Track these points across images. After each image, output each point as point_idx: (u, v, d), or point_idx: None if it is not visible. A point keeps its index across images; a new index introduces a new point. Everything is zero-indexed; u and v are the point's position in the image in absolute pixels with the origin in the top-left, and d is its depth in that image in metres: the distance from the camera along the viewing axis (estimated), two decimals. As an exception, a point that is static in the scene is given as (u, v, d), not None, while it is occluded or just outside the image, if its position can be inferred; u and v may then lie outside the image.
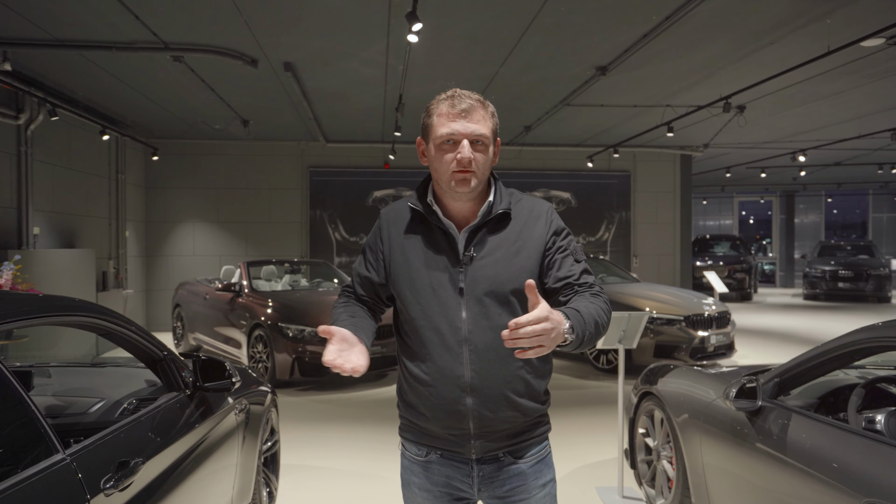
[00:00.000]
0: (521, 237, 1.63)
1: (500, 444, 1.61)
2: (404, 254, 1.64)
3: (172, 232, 11.66)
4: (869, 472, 2.00)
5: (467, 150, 1.56)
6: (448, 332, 1.56)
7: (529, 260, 1.62)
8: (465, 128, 1.56)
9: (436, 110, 1.60)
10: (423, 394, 1.60)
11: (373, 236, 1.74)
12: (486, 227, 1.63)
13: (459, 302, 1.58)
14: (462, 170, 1.57)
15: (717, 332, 7.37)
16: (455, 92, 1.61)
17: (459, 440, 1.60)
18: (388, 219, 1.72)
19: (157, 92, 8.18)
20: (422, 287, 1.60)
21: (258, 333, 6.95)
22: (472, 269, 1.59)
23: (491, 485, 1.63)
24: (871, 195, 22.29)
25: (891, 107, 8.99)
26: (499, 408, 1.57)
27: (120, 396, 2.61)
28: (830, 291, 16.84)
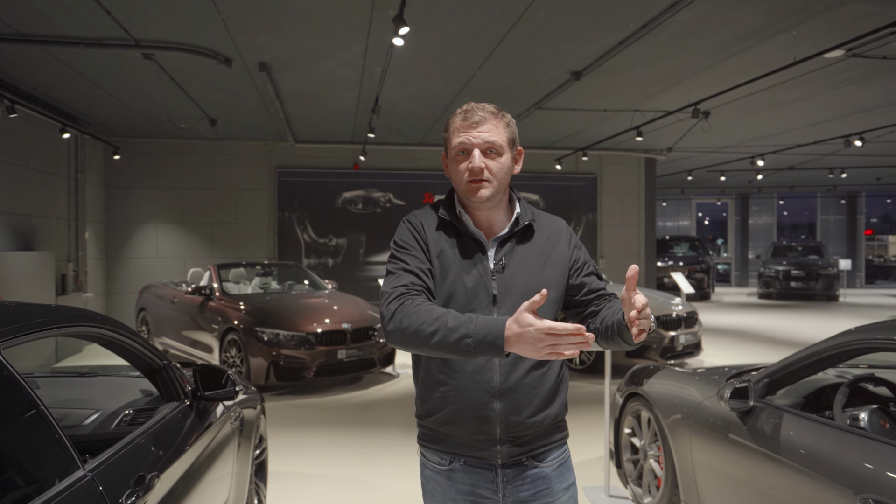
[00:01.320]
0: (546, 249, 1.70)
1: (524, 448, 1.64)
2: (438, 259, 1.64)
3: (134, 233, 11.32)
4: (863, 469, 2.10)
5: (478, 158, 1.60)
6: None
7: (555, 272, 1.69)
8: (476, 137, 1.61)
9: (452, 125, 1.67)
10: (450, 399, 1.62)
11: (410, 237, 1.65)
12: (515, 237, 1.68)
13: (492, 309, 1.61)
14: (474, 179, 1.61)
15: (685, 332, 7.57)
16: (469, 105, 1.66)
17: (485, 445, 1.62)
18: (419, 222, 1.69)
19: (122, 89, 7.94)
20: (456, 293, 1.61)
21: (231, 338, 6.82)
22: (503, 276, 1.63)
23: (515, 489, 1.65)
24: (819, 198, 23.24)
25: (844, 114, 9.40)
26: (525, 412, 1.61)
27: (115, 407, 2.53)
28: (783, 290, 17.49)
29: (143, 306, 8.97)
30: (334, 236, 12.17)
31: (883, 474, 2.03)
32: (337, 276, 11.15)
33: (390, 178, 12.29)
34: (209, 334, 7.22)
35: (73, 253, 9.69)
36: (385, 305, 1.52)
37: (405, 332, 1.45)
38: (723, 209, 24.95)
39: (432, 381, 1.64)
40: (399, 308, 1.48)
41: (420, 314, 1.44)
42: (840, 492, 2.13)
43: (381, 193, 12.31)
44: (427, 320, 1.42)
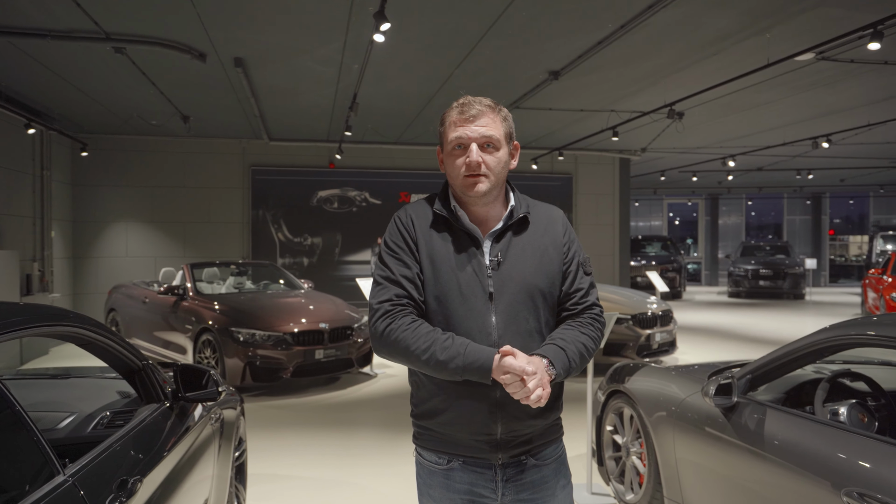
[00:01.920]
0: (543, 241, 1.66)
1: (524, 447, 1.63)
2: (430, 258, 1.61)
3: (103, 232, 11.04)
4: (848, 463, 2.13)
5: (475, 153, 1.58)
6: (479, 337, 1.55)
7: (553, 263, 1.65)
8: (473, 131, 1.58)
9: (448, 119, 1.63)
10: (450, 401, 1.58)
11: (398, 237, 1.64)
12: (510, 231, 1.65)
13: (489, 307, 1.58)
14: (472, 174, 1.58)
15: (661, 330, 7.66)
16: (466, 99, 1.63)
17: (486, 446, 1.59)
18: (409, 219, 1.66)
19: (90, 84, 7.73)
20: (450, 292, 1.58)
21: (206, 338, 6.69)
22: (499, 273, 1.60)
23: (514, 488, 1.64)
24: (785, 199, 23.80)
25: (813, 117, 9.63)
26: (526, 413, 1.59)
27: (92, 410, 2.44)
28: (752, 289, 17.86)
29: (113, 307, 8.76)
30: (309, 235, 12.04)
31: (867, 468, 2.07)
32: (313, 276, 11.03)
33: (366, 176, 12.21)
34: (182, 335, 7.07)
35: (38, 252, 9.40)
36: (373, 323, 1.57)
37: (394, 352, 1.55)
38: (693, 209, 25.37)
39: (431, 383, 1.61)
40: (387, 328, 1.54)
41: (407, 338, 1.51)
42: (826, 486, 2.16)
43: (357, 192, 12.22)
44: (418, 346, 1.50)
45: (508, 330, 1.57)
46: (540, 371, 1.46)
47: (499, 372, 1.46)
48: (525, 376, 1.43)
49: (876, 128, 10.09)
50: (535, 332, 1.61)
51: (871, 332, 2.40)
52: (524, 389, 1.43)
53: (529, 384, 1.43)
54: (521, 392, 1.44)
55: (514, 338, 1.57)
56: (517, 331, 1.58)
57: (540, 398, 1.43)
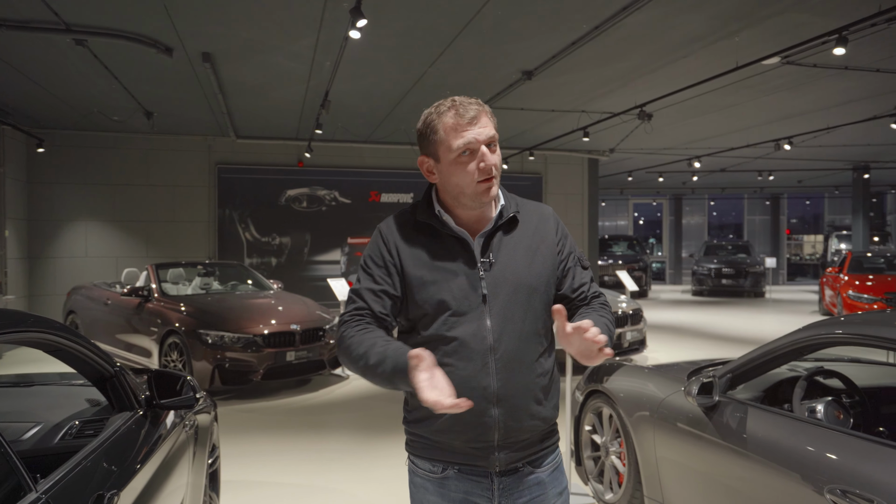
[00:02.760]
0: (534, 239, 1.63)
1: (521, 454, 1.59)
2: (418, 267, 1.56)
3: (61, 232, 10.65)
4: (832, 462, 2.17)
5: (489, 155, 1.53)
6: (474, 342, 1.51)
7: (546, 262, 1.62)
8: (480, 134, 1.52)
9: (441, 124, 1.54)
10: None
11: (376, 250, 1.61)
12: (500, 231, 1.61)
13: (483, 310, 1.54)
14: (486, 178, 1.53)
15: (631, 329, 7.75)
16: (455, 101, 1.55)
17: (483, 453, 1.55)
18: (390, 232, 1.62)
19: (48, 77, 7.43)
20: (444, 299, 1.53)
21: (172, 341, 6.50)
22: (492, 274, 1.56)
23: (511, 496, 1.59)
24: (746, 199, 24.43)
25: (776, 119, 9.88)
26: (523, 417, 1.55)
27: (59, 419, 2.32)
28: (715, 287, 18.28)
29: (73, 309, 8.45)
30: (278, 235, 11.83)
31: (849, 466, 2.10)
32: (281, 276, 10.83)
33: (336, 175, 12.06)
34: (147, 338, 6.86)
35: (-9, 252, 9.02)
36: (337, 330, 1.60)
37: (344, 360, 1.55)
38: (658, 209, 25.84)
39: None
40: (340, 336, 1.55)
41: (351, 345, 1.51)
42: (810, 484, 2.19)
43: (327, 191, 12.06)
44: (357, 352, 1.49)
45: (504, 332, 1.53)
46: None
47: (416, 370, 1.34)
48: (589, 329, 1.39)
49: (834, 131, 10.41)
50: (533, 332, 1.57)
51: (842, 331, 2.45)
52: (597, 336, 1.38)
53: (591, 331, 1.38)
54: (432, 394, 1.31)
55: (510, 341, 1.53)
56: (513, 333, 1.54)
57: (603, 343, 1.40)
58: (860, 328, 2.48)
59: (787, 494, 2.30)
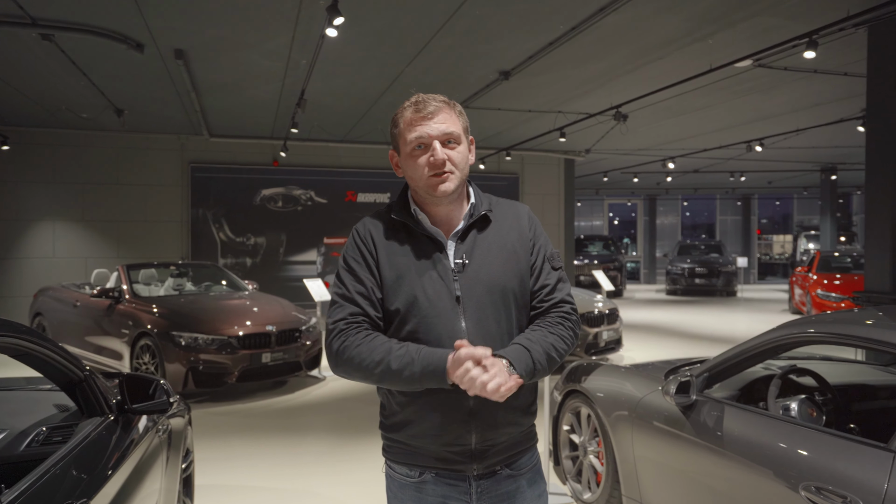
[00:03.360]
0: (509, 238, 1.62)
1: (499, 457, 1.57)
2: (393, 267, 1.55)
3: (27, 231, 10.37)
4: (807, 459, 2.19)
5: (440, 150, 1.52)
6: (448, 343, 1.49)
7: (521, 261, 1.61)
8: (434, 129, 1.52)
9: (402, 119, 1.56)
10: (422, 413, 1.52)
11: (355, 251, 1.58)
12: (473, 229, 1.60)
13: (458, 311, 1.52)
14: (437, 172, 1.53)
15: (608, 328, 7.81)
16: (419, 97, 1.57)
17: (460, 457, 1.54)
18: (367, 231, 1.61)
19: (12, 73, 7.22)
20: (417, 300, 1.52)
21: (144, 343, 6.36)
22: (465, 275, 1.54)
23: (489, 500, 1.58)
24: (718, 199, 24.85)
25: (748, 121, 10.06)
26: (500, 420, 1.54)
27: (25, 426, 2.25)
28: (688, 287, 18.55)
29: (40, 311, 8.24)
30: (253, 235, 11.68)
31: (825, 462, 2.13)
32: (256, 277, 10.69)
33: (312, 175, 11.95)
34: (118, 340, 6.71)
35: (-46, 253, 8.74)
36: (328, 343, 1.52)
37: (350, 370, 1.49)
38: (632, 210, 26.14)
39: (400, 394, 1.54)
40: (341, 346, 1.49)
41: (361, 353, 1.46)
42: (785, 481, 2.22)
43: (303, 191, 11.95)
44: (372, 360, 1.45)
45: (479, 333, 1.52)
46: (500, 368, 1.39)
47: (455, 367, 1.38)
48: (483, 360, 1.36)
49: (803, 133, 10.64)
50: (508, 333, 1.56)
51: (817, 330, 2.50)
52: (479, 381, 1.35)
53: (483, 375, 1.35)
54: (476, 384, 1.35)
55: (486, 341, 1.51)
56: (488, 334, 1.53)
57: (500, 385, 1.35)
58: (832, 327, 2.52)
59: (763, 492, 2.33)
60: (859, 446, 2.07)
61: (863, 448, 2.06)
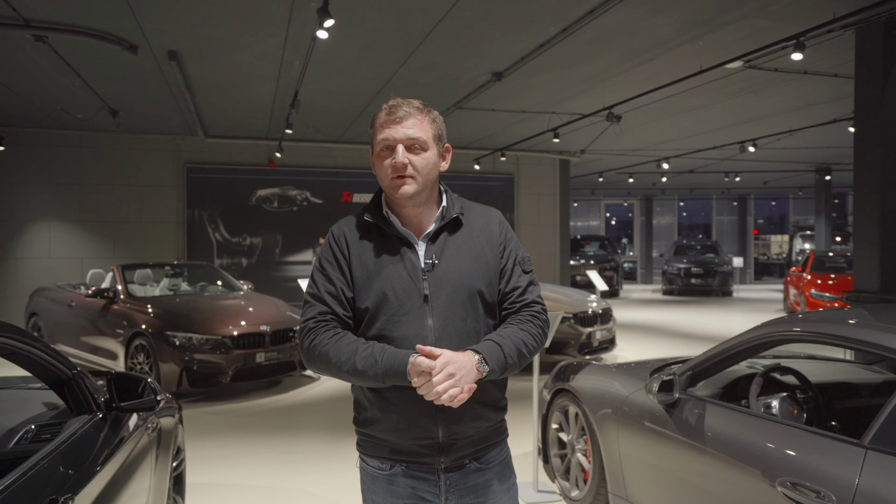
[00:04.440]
0: (479, 241, 1.66)
1: (466, 451, 1.62)
2: (364, 267, 1.61)
3: (22, 232, 10.39)
4: (781, 455, 2.24)
5: (401, 154, 1.57)
6: (415, 341, 1.54)
7: (489, 264, 1.65)
8: (399, 133, 1.58)
9: (377, 120, 1.63)
10: (390, 407, 1.57)
11: (328, 252, 1.65)
12: (444, 232, 1.65)
13: (425, 310, 1.57)
14: (398, 175, 1.58)
15: (601, 328, 7.86)
16: (395, 101, 1.62)
17: (428, 451, 1.59)
18: (341, 232, 1.67)
19: (7, 73, 7.23)
20: (387, 298, 1.57)
21: (139, 343, 6.39)
22: (434, 275, 1.59)
23: (458, 492, 1.63)
24: (714, 200, 24.91)
25: (741, 122, 10.11)
26: (467, 416, 1.58)
27: (14, 423, 2.28)
28: (684, 287, 18.61)
29: (35, 311, 8.25)
30: (248, 235, 11.71)
31: (800, 458, 2.17)
32: (252, 277, 10.72)
33: (307, 175, 11.98)
34: (113, 340, 6.74)
35: (-51, 253, 8.76)
36: (300, 340, 1.61)
37: (320, 367, 1.56)
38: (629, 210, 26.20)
39: (371, 390, 1.59)
40: (311, 344, 1.56)
41: (329, 352, 1.53)
42: (761, 477, 2.26)
43: (298, 191, 11.98)
44: (339, 358, 1.52)
45: (445, 332, 1.56)
46: (464, 370, 1.45)
47: (413, 373, 1.45)
48: (433, 373, 1.42)
49: (796, 133, 10.68)
50: (474, 332, 1.60)
51: (798, 328, 2.54)
52: (434, 391, 1.41)
53: (444, 383, 1.41)
54: (431, 393, 1.42)
55: (452, 339, 1.56)
56: (454, 332, 1.57)
57: (453, 397, 1.42)
58: (811, 326, 2.56)
59: (742, 488, 2.37)
60: (834, 442, 2.11)
61: (837, 444, 2.09)
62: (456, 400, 1.42)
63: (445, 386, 1.41)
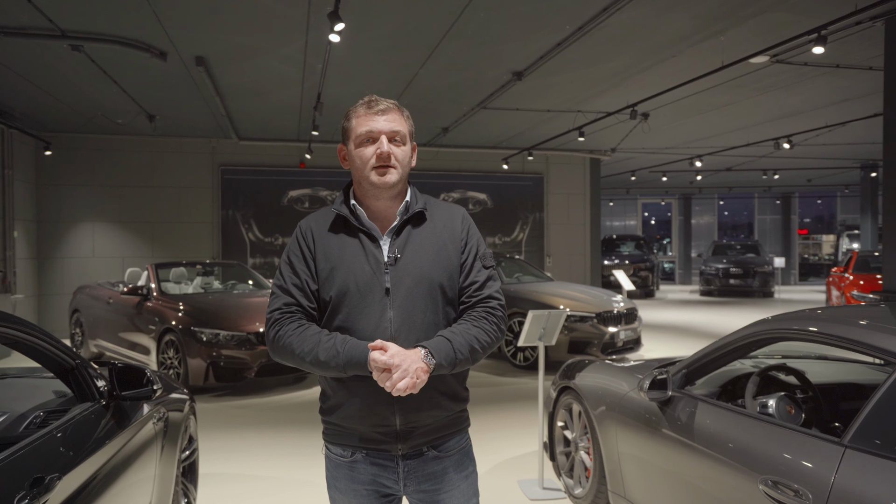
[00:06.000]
0: (441, 236, 1.71)
1: (423, 439, 1.67)
2: (328, 260, 1.67)
3: (69, 232, 10.88)
4: (764, 453, 2.22)
5: (386, 144, 1.65)
6: (375, 332, 1.60)
7: (451, 258, 1.70)
8: (383, 124, 1.66)
9: (354, 114, 1.70)
10: (351, 396, 1.63)
11: (295, 246, 1.72)
12: (408, 226, 1.70)
13: (386, 302, 1.62)
14: (382, 164, 1.65)
15: (625, 328, 7.78)
16: (372, 97, 1.71)
17: (386, 438, 1.64)
18: (308, 226, 1.74)
19: (51, 82, 7.61)
20: (348, 291, 1.63)
21: (169, 338, 6.64)
22: (396, 268, 1.65)
23: (416, 479, 1.68)
24: (756, 198, 24.23)
25: (773, 118, 9.83)
26: (424, 405, 1.63)
27: (24, 409, 2.43)
28: (723, 287, 18.17)
29: (77, 307, 8.64)
30: (280, 235, 11.98)
31: (781, 456, 2.15)
32: (282, 276, 10.94)
33: (337, 176, 12.18)
34: (146, 335, 7.02)
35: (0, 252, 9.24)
36: (266, 331, 1.67)
37: (285, 357, 1.62)
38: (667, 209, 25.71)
39: (333, 379, 1.66)
40: (276, 335, 1.62)
41: (293, 343, 1.59)
42: (744, 474, 2.24)
43: (329, 192, 12.20)
44: (302, 349, 1.58)
45: (405, 325, 1.62)
46: (408, 362, 1.51)
47: (371, 365, 1.52)
48: (392, 368, 1.50)
49: (835, 129, 10.33)
50: (433, 325, 1.65)
51: (789, 326, 2.50)
52: (388, 384, 1.50)
53: (394, 376, 1.50)
54: (388, 384, 1.50)
55: (411, 332, 1.62)
56: (414, 325, 1.62)
57: (403, 389, 1.49)
58: (803, 324, 2.52)
59: (727, 486, 2.35)
60: (815, 441, 2.09)
61: (818, 443, 2.07)
62: (408, 390, 1.49)
63: (400, 378, 1.49)
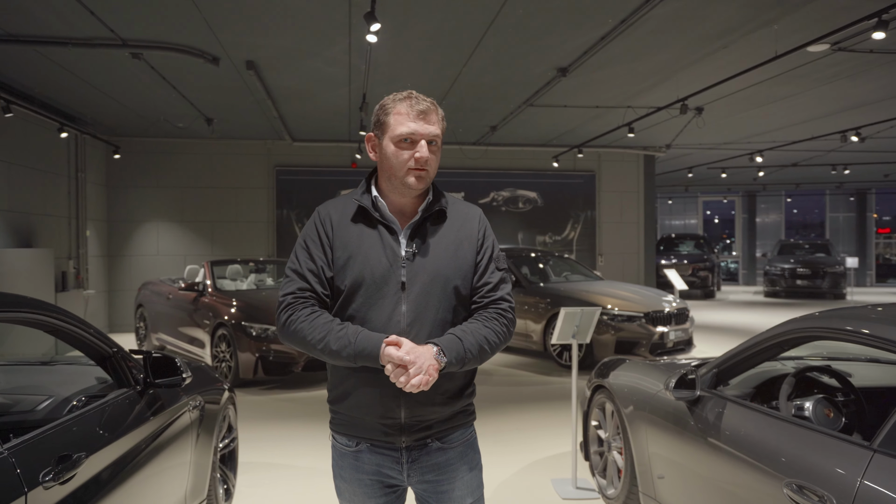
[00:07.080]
0: (459, 235, 1.72)
1: (428, 432, 1.68)
2: (345, 249, 1.67)
3: (136, 231, 11.48)
4: (791, 456, 2.12)
5: (426, 149, 1.64)
6: (387, 325, 1.62)
7: (467, 258, 1.71)
8: (424, 129, 1.64)
9: (393, 109, 1.66)
10: (358, 386, 1.66)
11: (313, 231, 1.70)
12: (427, 222, 1.71)
13: (400, 296, 1.63)
14: (420, 168, 1.65)
15: (676, 329, 7.56)
16: (411, 93, 1.68)
17: (391, 429, 1.66)
18: (327, 213, 1.73)
19: (116, 89, 8.06)
20: (364, 281, 1.64)
21: (221, 333, 6.91)
22: (413, 264, 1.65)
23: (420, 470, 1.70)
24: (827, 195, 23.00)
25: (838, 110, 9.32)
26: (429, 400, 1.64)
27: (68, 394, 2.60)
28: (789, 288, 17.34)
29: (141, 302, 9.10)
30: (332, 234, 12.24)
31: (807, 460, 2.06)
32: (334, 274, 11.19)
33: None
34: (201, 330, 7.32)
35: (73, 250, 9.85)
36: (277, 314, 1.66)
37: (294, 342, 1.63)
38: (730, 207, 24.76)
39: (342, 369, 1.67)
40: (287, 320, 1.62)
41: (304, 329, 1.59)
42: (769, 478, 2.16)
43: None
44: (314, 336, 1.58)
45: (417, 320, 1.63)
46: (422, 359, 1.52)
47: (384, 359, 1.52)
48: (407, 365, 1.51)
49: (910, 120, 9.70)
50: (445, 322, 1.66)
51: (824, 325, 2.38)
52: (405, 376, 1.50)
53: (410, 371, 1.50)
54: (402, 379, 1.50)
55: (423, 328, 1.63)
56: (426, 321, 1.63)
57: (417, 385, 1.49)
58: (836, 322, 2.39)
59: (752, 489, 2.27)
60: (843, 444, 2.00)
61: (846, 446, 1.98)
62: (420, 387, 1.51)
63: (415, 374, 1.51)
